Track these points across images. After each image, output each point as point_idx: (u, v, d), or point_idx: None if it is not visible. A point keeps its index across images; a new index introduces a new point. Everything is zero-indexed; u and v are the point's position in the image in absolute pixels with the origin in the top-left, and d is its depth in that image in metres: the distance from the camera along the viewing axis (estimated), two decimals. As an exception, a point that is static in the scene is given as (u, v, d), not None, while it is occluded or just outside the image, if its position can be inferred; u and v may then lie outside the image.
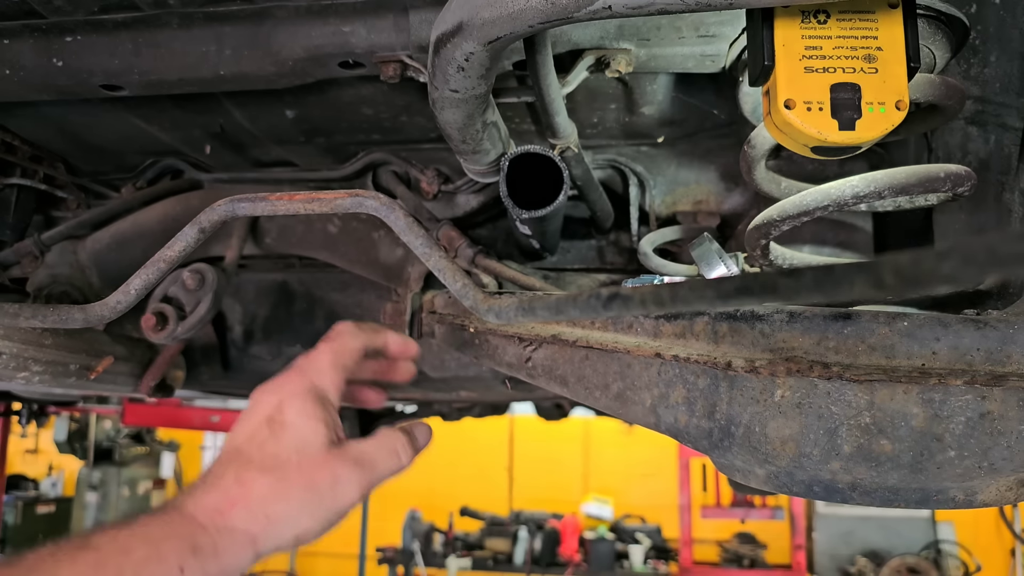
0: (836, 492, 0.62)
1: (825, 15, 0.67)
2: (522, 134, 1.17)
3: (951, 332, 0.58)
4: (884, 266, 0.26)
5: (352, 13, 0.88)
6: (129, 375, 1.37)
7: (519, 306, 0.50)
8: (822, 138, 0.66)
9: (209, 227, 0.78)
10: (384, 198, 0.70)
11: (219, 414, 4.90)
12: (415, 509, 7.08)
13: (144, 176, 1.35)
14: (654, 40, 0.86)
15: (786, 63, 0.66)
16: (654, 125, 1.14)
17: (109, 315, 0.82)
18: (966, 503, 0.62)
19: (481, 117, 0.82)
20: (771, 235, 0.79)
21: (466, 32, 0.64)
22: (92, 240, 1.35)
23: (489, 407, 3.86)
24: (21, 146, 1.27)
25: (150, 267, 0.80)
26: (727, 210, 1.21)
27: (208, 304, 1.12)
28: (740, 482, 0.69)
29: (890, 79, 0.66)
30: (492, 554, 6.67)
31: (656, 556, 6.65)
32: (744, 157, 0.84)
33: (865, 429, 0.57)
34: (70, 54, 0.93)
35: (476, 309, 0.60)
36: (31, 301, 1.31)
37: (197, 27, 0.91)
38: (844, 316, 0.60)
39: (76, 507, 7.40)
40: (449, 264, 0.66)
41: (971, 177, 0.72)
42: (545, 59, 0.81)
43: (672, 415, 0.69)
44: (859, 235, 1.01)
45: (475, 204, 1.24)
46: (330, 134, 1.20)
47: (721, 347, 0.67)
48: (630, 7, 0.58)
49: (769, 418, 0.60)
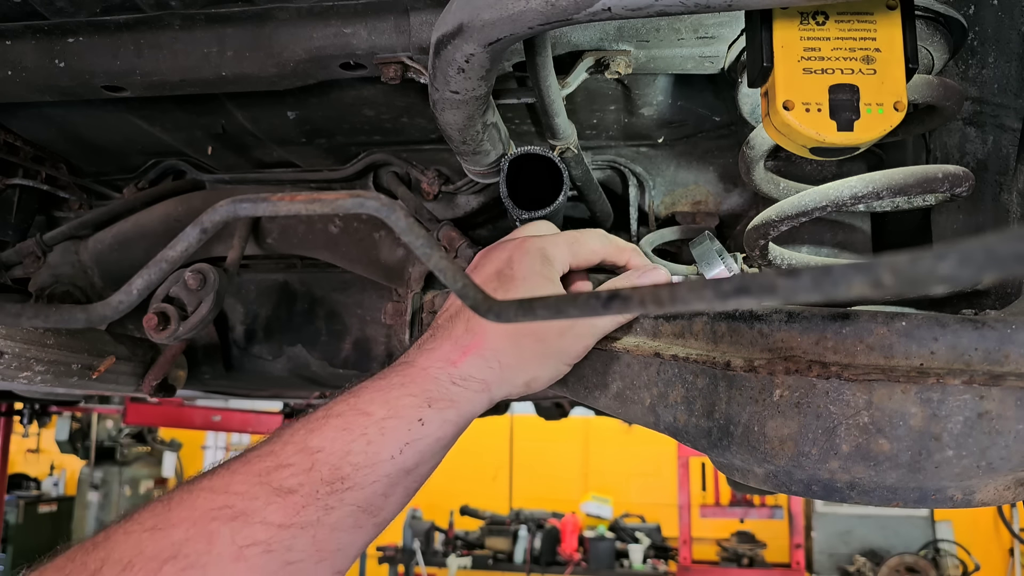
0: (834, 491, 0.63)
1: (823, 16, 0.67)
2: (522, 135, 1.17)
3: (949, 332, 0.59)
4: (882, 266, 0.26)
5: (353, 15, 0.88)
6: (131, 375, 1.37)
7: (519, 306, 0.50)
8: (820, 139, 0.66)
9: (211, 227, 0.78)
10: (385, 199, 0.70)
11: (220, 414, 4.91)
12: (415, 508, 7.09)
13: (146, 177, 1.35)
14: (653, 42, 0.87)
15: (785, 64, 0.67)
16: (653, 126, 1.14)
17: (111, 315, 0.82)
18: (964, 502, 0.63)
19: (481, 118, 0.82)
20: (770, 235, 0.80)
21: (466, 34, 0.64)
22: (94, 240, 1.36)
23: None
24: (23, 147, 1.27)
25: (152, 267, 0.80)
26: (726, 211, 1.22)
27: (210, 304, 1.13)
28: (739, 481, 0.70)
29: (888, 80, 0.66)
30: (492, 553, 6.67)
31: (655, 555, 6.66)
32: (743, 158, 0.85)
33: (863, 428, 0.58)
34: (72, 55, 0.94)
35: (476, 309, 0.61)
36: (33, 301, 1.31)
37: (199, 29, 0.92)
38: (842, 316, 0.60)
39: (78, 507, 7.41)
40: (450, 264, 0.67)
41: (969, 178, 0.73)
42: (545, 61, 0.81)
43: (671, 414, 0.69)
44: (857, 235, 1.01)
45: (475, 205, 1.24)
46: (331, 135, 1.20)
47: (720, 347, 0.67)
48: (629, 9, 0.58)
49: (768, 417, 0.61)
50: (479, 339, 0.68)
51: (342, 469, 0.62)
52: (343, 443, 0.63)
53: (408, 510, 7.01)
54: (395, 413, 0.65)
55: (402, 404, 0.66)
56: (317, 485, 0.61)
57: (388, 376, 0.68)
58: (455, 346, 0.68)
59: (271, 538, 0.58)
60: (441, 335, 0.70)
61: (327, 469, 0.62)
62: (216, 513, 0.58)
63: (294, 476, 0.61)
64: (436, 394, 0.67)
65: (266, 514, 0.59)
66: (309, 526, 0.60)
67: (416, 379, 0.67)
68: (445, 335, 0.70)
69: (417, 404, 0.66)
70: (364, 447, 0.63)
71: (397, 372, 0.68)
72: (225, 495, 0.59)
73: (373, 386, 0.67)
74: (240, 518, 0.58)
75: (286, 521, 0.59)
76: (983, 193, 0.82)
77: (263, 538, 0.58)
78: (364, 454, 0.63)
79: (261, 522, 0.58)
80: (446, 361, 0.68)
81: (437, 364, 0.68)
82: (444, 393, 0.67)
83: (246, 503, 0.59)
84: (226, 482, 0.60)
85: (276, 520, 0.59)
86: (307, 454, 0.62)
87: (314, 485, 0.61)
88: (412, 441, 0.65)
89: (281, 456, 0.62)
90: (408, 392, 0.66)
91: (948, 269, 0.25)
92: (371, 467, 0.63)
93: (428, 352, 0.69)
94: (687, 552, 6.12)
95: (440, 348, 0.69)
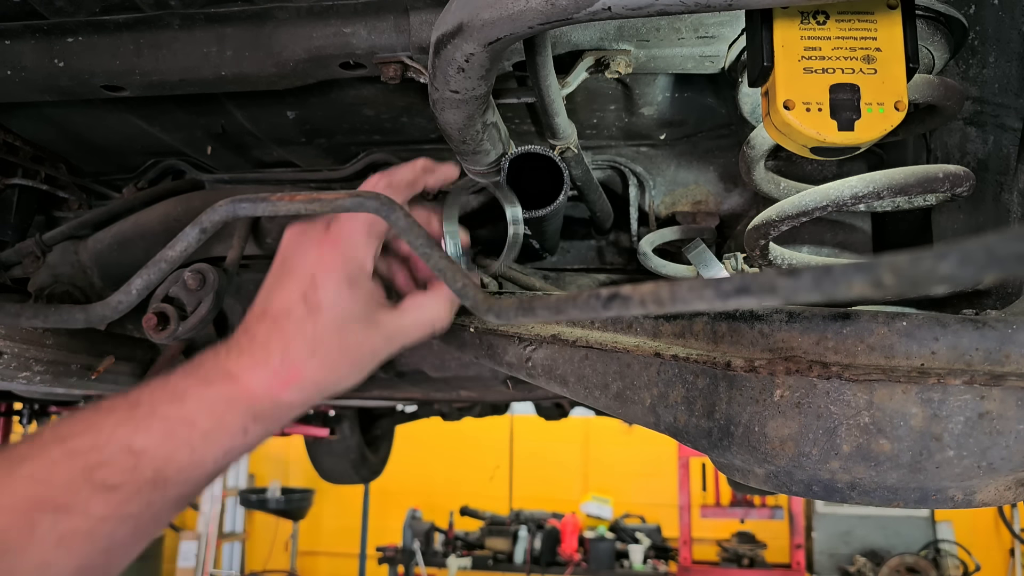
0: (835, 491, 0.63)
1: (824, 16, 0.67)
2: (522, 135, 1.17)
3: (950, 332, 0.58)
4: (883, 266, 0.26)
5: (353, 14, 0.88)
6: (130, 375, 1.37)
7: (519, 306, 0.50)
8: (821, 139, 0.66)
9: (210, 227, 0.78)
10: (385, 198, 0.70)
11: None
12: (415, 508, 7.09)
13: (146, 176, 1.35)
14: (653, 41, 0.86)
15: (785, 64, 0.67)
16: (653, 126, 1.14)
17: (111, 315, 0.82)
18: (965, 503, 0.63)
19: (481, 118, 0.82)
20: (770, 235, 0.80)
21: (466, 33, 0.64)
22: (94, 240, 1.35)
23: (489, 407, 3.86)
24: (23, 146, 1.27)
25: (151, 267, 0.81)
26: (726, 210, 1.22)
27: (209, 304, 1.12)
28: (739, 481, 0.69)
29: (889, 80, 0.66)
30: (492, 553, 6.67)
31: (656, 555, 6.66)
32: (743, 158, 0.85)
33: (864, 429, 0.58)
34: (72, 55, 0.94)
35: (476, 309, 0.60)
36: (33, 301, 1.31)
37: (198, 28, 0.91)
38: (843, 316, 0.60)
39: (76, 507, 7.39)
40: (449, 264, 0.67)
41: (969, 177, 0.73)
42: (545, 60, 0.81)
43: (671, 414, 0.69)
44: (858, 235, 1.01)
45: (475, 204, 1.24)
46: (331, 135, 1.20)
47: (720, 347, 0.67)
48: (629, 8, 0.58)
49: (768, 418, 0.61)
50: (297, 371, 0.70)
51: (165, 471, 0.65)
52: (167, 449, 0.65)
53: (408, 511, 7.01)
54: (220, 427, 0.68)
55: (228, 419, 0.68)
56: (140, 484, 0.64)
57: (214, 385, 0.69)
58: (275, 378, 0.70)
59: (92, 528, 0.61)
60: (260, 351, 0.71)
61: (150, 471, 0.64)
62: (38, 503, 0.60)
63: (118, 475, 0.63)
64: (260, 412, 0.70)
65: (88, 507, 0.61)
66: (130, 518, 0.63)
67: (241, 397, 0.69)
68: (263, 356, 0.71)
69: (242, 419, 0.69)
70: (188, 455, 0.66)
71: (223, 385, 0.69)
72: (47, 486, 0.61)
73: (198, 394, 0.69)
74: (62, 510, 0.60)
75: (108, 514, 0.62)
76: (984, 193, 0.82)
77: (84, 528, 0.61)
78: (188, 459, 0.66)
79: (83, 514, 0.61)
80: (268, 387, 0.70)
81: (260, 387, 0.70)
82: (268, 412, 0.70)
83: (68, 497, 0.61)
84: (48, 472, 0.62)
85: (98, 513, 0.62)
86: (130, 454, 0.64)
87: (137, 484, 0.63)
88: (233, 448, 0.69)
89: (104, 452, 0.63)
90: (233, 408, 0.69)
91: (949, 269, 0.25)
92: (193, 470, 0.67)
93: (250, 371, 0.70)
94: (687, 553, 6.12)
95: (261, 370, 0.70)
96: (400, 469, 5.32)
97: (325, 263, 0.73)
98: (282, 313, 0.72)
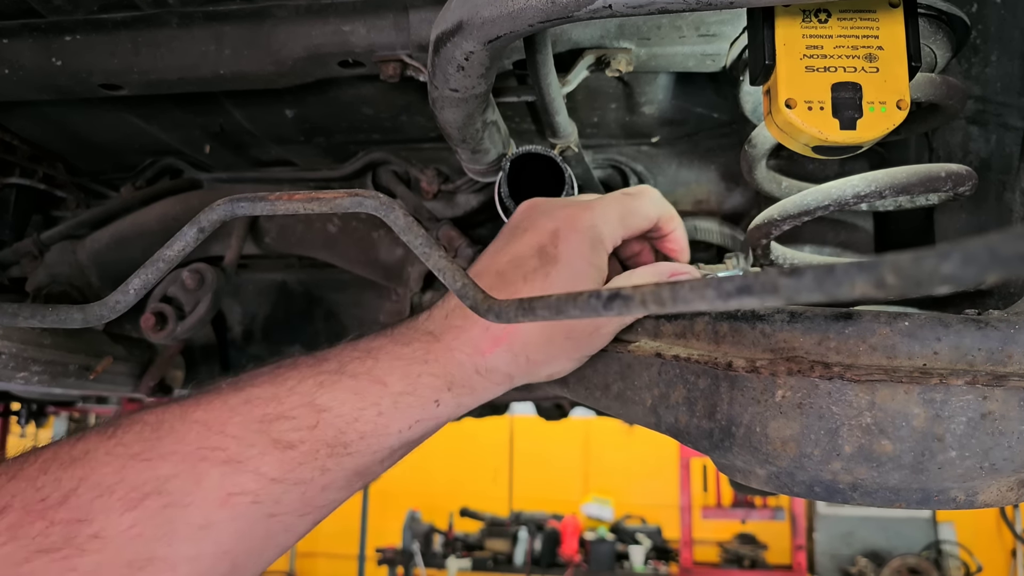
0: (837, 492, 0.62)
1: (826, 14, 0.67)
2: (522, 133, 1.16)
3: (952, 332, 0.58)
4: (885, 266, 0.26)
5: (352, 12, 0.88)
6: (128, 375, 1.37)
7: (519, 306, 0.50)
8: (823, 137, 0.65)
9: (208, 227, 0.78)
10: (384, 197, 0.70)
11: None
12: (415, 510, 7.09)
13: (143, 175, 1.35)
14: (654, 39, 0.86)
15: (787, 62, 0.66)
16: (654, 124, 1.14)
17: (108, 315, 0.82)
18: (967, 503, 0.62)
19: (481, 116, 0.82)
20: (772, 235, 0.79)
21: (466, 31, 0.63)
22: (91, 240, 1.35)
23: (489, 407, 3.86)
24: (20, 145, 1.26)
25: (149, 267, 0.80)
26: (728, 209, 1.21)
27: (207, 304, 1.12)
28: (741, 483, 0.69)
29: (891, 78, 0.66)
30: (492, 555, 6.67)
31: (656, 557, 6.65)
32: (745, 156, 0.84)
33: (866, 429, 0.57)
34: (69, 53, 0.93)
35: (476, 309, 0.60)
36: (30, 301, 1.30)
37: (197, 26, 0.91)
38: (845, 316, 0.60)
39: (76, 507, 7.40)
40: (449, 264, 0.66)
41: (972, 176, 0.72)
42: (545, 58, 0.81)
43: (672, 415, 0.69)
44: (860, 235, 1.01)
45: (475, 203, 1.23)
46: (330, 133, 1.19)
47: (722, 347, 0.66)
48: (630, 6, 0.57)
49: (770, 418, 0.60)
50: (511, 331, 0.64)
51: (347, 435, 0.59)
52: (353, 408, 0.60)
53: (407, 512, 7.01)
54: (413, 390, 0.62)
55: (422, 383, 0.62)
56: (318, 445, 0.58)
57: (411, 344, 0.64)
58: (485, 334, 0.64)
59: (260, 490, 0.56)
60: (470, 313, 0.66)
61: (332, 432, 0.59)
62: (207, 453, 0.55)
63: (296, 431, 0.58)
64: (458, 379, 0.64)
65: (260, 464, 0.56)
66: (301, 483, 0.58)
67: (440, 359, 0.63)
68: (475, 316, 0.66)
69: (437, 386, 0.63)
70: (374, 417, 0.60)
71: (421, 344, 0.64)
72: (220, 436, 0.56)
73: (393, 352, 0.63)
74: (232, 463, 0.55)
75: (279, 476, 0.57)
76: (986, 192, 0.81)
77: (252, 488, 0.56)
78: (373, 424, 0.60)
79: (253, 472, 0.56)
80: (474, 348, 0.64)
81: (464, 349, 0.64)
82: (466, 380, 0.64)
83: (241, 449, 0.56)
84: (222, 420, 0.57)
85: (269, 473, 0.56)
86: (313, 410, 0.59)
87: (315, 445, 0.58)
88: (423, 419, 0.63)
89: (285, 404, 0.58)
90: (430, 371, 0.63)
91: (951, 269, 0.24)
92: (377, 438, 0.61)
93: (456, 330, 0.64)
94: (688, 554, 6.11)
95: (469, 330, 0.64)
96: (399, 470, 5.30)
97: (573, 221, 0.67)
98: (510, 266, 0.65)
